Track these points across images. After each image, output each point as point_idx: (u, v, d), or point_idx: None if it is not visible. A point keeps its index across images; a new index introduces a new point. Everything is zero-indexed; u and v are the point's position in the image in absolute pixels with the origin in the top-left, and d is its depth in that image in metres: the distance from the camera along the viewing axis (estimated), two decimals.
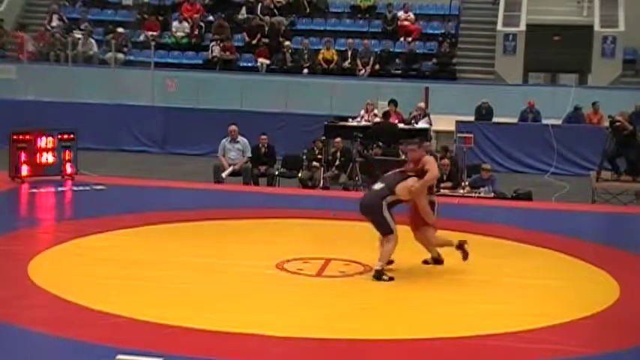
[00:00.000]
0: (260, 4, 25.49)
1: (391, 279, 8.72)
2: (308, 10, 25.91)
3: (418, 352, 6.83)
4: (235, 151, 15.70)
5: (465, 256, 9.29)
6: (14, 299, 7.67)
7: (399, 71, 23.34)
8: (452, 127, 19.27)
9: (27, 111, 19.95)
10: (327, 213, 11.99)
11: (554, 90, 23.37)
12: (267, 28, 24.62)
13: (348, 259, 9.39)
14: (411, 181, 8.92)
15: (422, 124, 18.66)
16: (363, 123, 18.51)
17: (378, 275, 8.71)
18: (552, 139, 19.31)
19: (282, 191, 15.14)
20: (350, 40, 24.19)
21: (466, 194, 14.58)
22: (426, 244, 9.35)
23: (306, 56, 23.74)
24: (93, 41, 24.34)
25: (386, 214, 8.79)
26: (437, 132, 19.90)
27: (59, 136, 14.22)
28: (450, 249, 9.34)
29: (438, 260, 9.40)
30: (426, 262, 9.41)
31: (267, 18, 24.87)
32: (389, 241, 8.82)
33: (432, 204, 9.15)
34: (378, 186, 9.00)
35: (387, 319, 7.65)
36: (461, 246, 9.31)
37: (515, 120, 20.37)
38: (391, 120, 18.23)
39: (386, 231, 8.83)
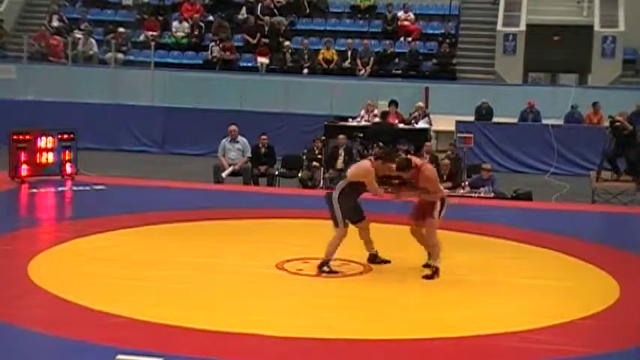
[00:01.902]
0: (260, 4, 25.47)
1: (333, 272, 8.79)
2: (308, 10, 25.89)
3: (418, 352, 6.83)
4: (235, 151, 15.70)
5: (430, 276, 8.86)
6: (14, 299, 7.67)
7: (399, 71, 23.34)
8: (452, 127, 19.27)
9: (27, 111, 19.96)
10: (327, 213, 11.98)
11: (554, 90, 23.36)
12: (267, 28, 24.62)
13: (347, 259, 9.39)
14: (366, 162, 8.96)
15: (422, 124, 18.66)
16: (363, 123, 18.51)
17: (321, 265, 8.83)
18: (552, 139, 19.30)
19: (282, 191, 15.14)
20: (350, 40, 24.17)
21: (466, 194, 14.59)
22: (420, 238, 9.10)
23: (306, 56, 23.73)
24: (93, 41, 24.33)
25: (335, 203, 8.82)
26: (437, 132, 19.91)
27: (59, 136, 14.23)
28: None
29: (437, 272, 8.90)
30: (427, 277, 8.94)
31: (267, 18, 24.86)
32: (336, 232, 8.85)
33: (443, 199, 9.01)
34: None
35: (387, 319, 7.65)
36: (436, 271, 8.88)
37: (515, 120, 20.35)
38: (390, 120, 18.24)
39: (333, 221, 8.88)
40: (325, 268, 8.85)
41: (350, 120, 18.82)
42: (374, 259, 9.20)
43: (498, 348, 6.88)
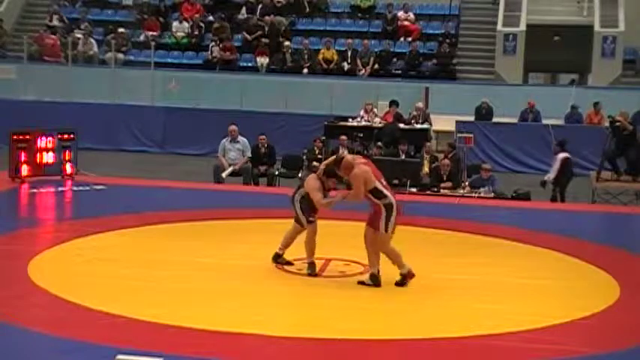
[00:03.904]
0: (260, 4, 25.48)
1: (314, 275, 8.80)
2: (308, 10, 25.90)
3: (418, 352, 6.83)
4: (235, 151, 15.70)
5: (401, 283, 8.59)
6: (14, 299, 7.67)
7: (399, 71, 23.34)
8: (452, 127, 19.27)
9: (27, 111, 19.96)
10: (327, 213, 11.98)
11: (554, 90, 23.35)
12: (267, 28, 24.62)
13: (348, 259, 9.41)
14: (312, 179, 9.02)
15: (421, 125, 18.68)
16: (363, 123, 18.53)
17: (309, 269, 8.90)
18: (552, 139, 19.29)
19: (282, 191, 15.10)
20: (350, 40, 24.18)
21: (466, 194, 14.58)
22: (370, 247, 8.62)
23: (306, 56, 23.73)
24: (93, 41, 24.33)
25: (297, 204, 9.02)
26: (437, 132, 19.91)
27: (59, 136, 14.22)
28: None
29: (407, 276, 8.60)
30: (362, 282, 8.60)
31: (267, 18, 24.86)
32: (302, 232, 9.01)
33: (389, 207, 8.44)
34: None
35: (387, 319, 7.65)
36: (405, 277, 8.58)
37: (515, 120, 20.36)
38: (389, 120, 18.27)
39: (298, 221, 9.05)
40: (309, 270, 8.89)
41: (350, 120, 18.84)
42: (277, 257, 9.24)
43: (498, 348, 6.88)
